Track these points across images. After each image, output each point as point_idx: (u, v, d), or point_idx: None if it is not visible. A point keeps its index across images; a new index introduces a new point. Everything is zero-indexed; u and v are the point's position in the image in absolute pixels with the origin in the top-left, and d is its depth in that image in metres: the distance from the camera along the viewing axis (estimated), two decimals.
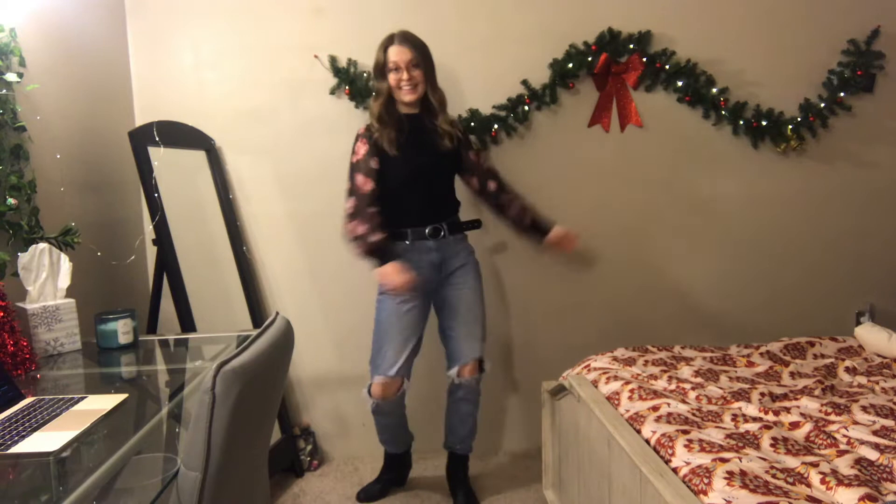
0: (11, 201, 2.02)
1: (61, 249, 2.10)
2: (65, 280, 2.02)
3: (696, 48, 2.84)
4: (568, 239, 2.57)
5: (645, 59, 2.82)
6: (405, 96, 2.38)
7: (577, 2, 2.83)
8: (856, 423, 1.70)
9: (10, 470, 1.23)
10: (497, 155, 2.89)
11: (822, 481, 1.39)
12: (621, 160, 2.92)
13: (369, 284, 2.53)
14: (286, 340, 1.45)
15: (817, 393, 1.97)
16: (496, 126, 2.82)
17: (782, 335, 2.47)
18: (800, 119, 2.88)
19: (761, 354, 2.31)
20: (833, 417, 1.76)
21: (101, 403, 1.50)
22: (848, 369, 2.17)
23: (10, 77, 2.05)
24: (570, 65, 2.80)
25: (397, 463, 2.68)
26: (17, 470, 1.23)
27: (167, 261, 2.50)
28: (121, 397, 1.54)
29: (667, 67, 2.82)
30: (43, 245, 2.00)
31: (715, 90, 2.85)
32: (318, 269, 2.93)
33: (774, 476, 1.40)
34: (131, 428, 1.46)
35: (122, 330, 2.01)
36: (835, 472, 1.41)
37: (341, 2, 2.81)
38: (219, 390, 1.15)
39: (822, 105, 2.88)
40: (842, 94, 2.87)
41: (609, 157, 2.92)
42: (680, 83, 2.84)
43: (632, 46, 2.82)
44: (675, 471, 1.49)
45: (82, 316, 2.02)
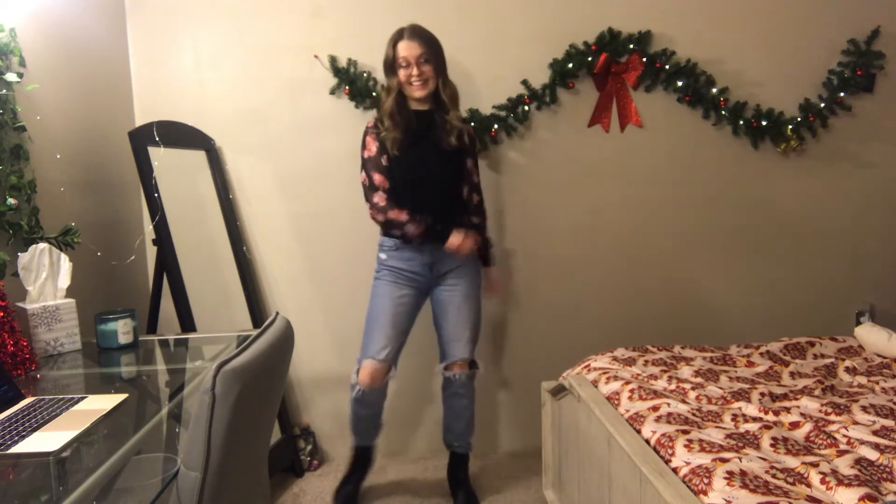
0: (11, 201, 2.02)
1: (61, 249, 2.10)
2: (65, 280, 2.02)
3: (696, 48, 2.84)
4: (492, 287, 2.68)
5: (645, 59, 2.82)
6: (415, 92, 2.37)
7: (577, 2, 2.83)
8: (856, 423, 1.70)
9: (10, 470, 1.23)
10: (497, 155, 2.89)
11: (822, 481, 1.39)
12: (621, 160, 2.92)
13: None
14: (286, 340, 1.45)
15: (817, 393, 1.97)
16: (496, 126, 2.82)
17: (782, 335, 2.47)
18: (800, 119, 2.88)
19: (761, 354, 2.31)
20: (833, 417, 1.76)
21: (101, 403, 1.50)
22: (848, 369, 2.17)
23: (10, 77, 2.05)
24: (570, 65, 2.80)
25: (364, 457, 2.63)
26: (17, 470, 1.23)
27: (167, 261, 2.50)
28: (121, 397, 1.54)
29: (667, 67, 2.82)
30: (43, 245, 2.00)
31: (715, 90, 2.85)
32: (318, 269, 2.93)
33: (774, 476, 1.40)
34: (131, 428, 1.46)
35: (122, 330, 2.01)
36: (835, 472, 1.41)
37: (341, 2, 2.81)
38: (219, 390, 1.15)
39: (822, 105, 2.88)
40: (842, 94, 2.87)
41: (609, 157, 2.92)
42: (680, 83, 2.84)
43: (632, 46, 2.82)
44: (675, 471, 1.49)
45: (82, 316, 2.02)
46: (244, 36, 2.82)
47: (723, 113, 2.87)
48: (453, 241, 2.37)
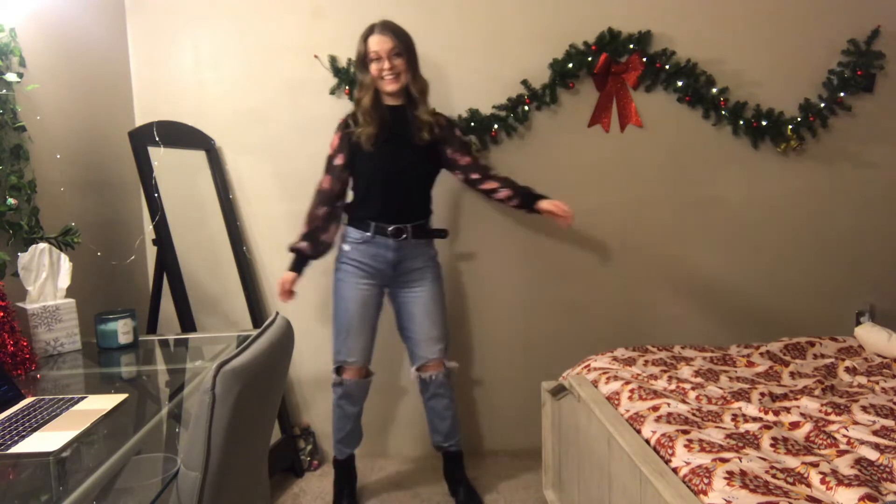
0: (11, 201, 2.02)
1: (61, 249, 2.11)
2: (65, 280, 2.02)
3: (696, 48, 2.84)
4: (558, 214, 2.46)
5: (645, 59, 2.82)
6: (387, 86, 2.36)
7: (577, 2, 2.83)
8: (856, 423, 1.70)
9: (10, 470, 1.23)
10: (497, 155, 2.89)
11: (822, 481, 1.39)
12: (621, 160, 2.92)
13: None
14: (286, 340, 1.45)
15: (817, 393, 1.96)
16: (496, 126, 2.82)
17: (782, 335, 2.48)
18: (800, 119, 2.88)
19: (761, 354, 2.31)
20: (833, 417, 1.76)
21: (101, 403, 1.50)
22: (848, 369, 2.17)
23: (10, 77, 2.05)
24: (570, 65, 2.80)
25: (347, 473, 2.63)
26: (17, 470, 1.23)
27: (167, 261, 2.50)
28: (121, 397, 1.55)
29: (667, 67, 2.82)
30: (43, 245, 2.00)
31: (715, 90, 2.84)
32: (318, 268, 2.92)
33: (774, 476, 1.40)
34: (131, 428, 1.46)
35: (122, 330, 2.01)
36: (835, 472, 1.41)
37: (341, 2, 2.81)
38: (219, 390, 1.15)
39: (822, 105, 2.88)
40: (842, 94, 2.87)
41: (609, 157, 2.92)
42: (680, 83, 2.84)
43: (632, 46, 2.82)
44: (675, 471, 1.49)
45: (82, 316, 2.02)
46: (244, 36, 2.82)
47: (723, 113, 2.87)
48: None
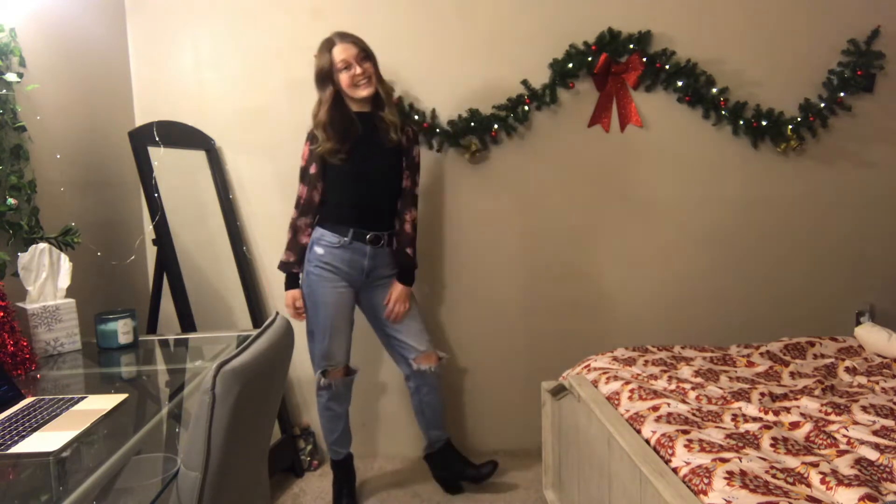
0: (11, 201, 2.02)
1: (61, 249, 2.11)
2: (65, 280, 2.02)
3: (696, 48, 2.84)
4: (392, 302, 2.49)
5: (645, 59, 2.82)
6: (362, 91, 2.35)
7: (577, 2, 2.83)
8: (856, 423, 1.70)
9: (10, 470, 1.23)
10: (497, 155, 2.89)
11: (822, 481, 1.39)
12: (621, 160, 2.92)
13: None
14: (286, 341, 1.45)
15: (817, 393, 1.96)
16: (496, 126, 2.82)
17: (782, 335, 2.48)
18: (800, 119, 2.88)
19: (761, 354, 2.31)
20: (833, 417, 1.76)
21: (101, 403, 1.50)
22: (848, 369, 2.17)
23: (10, 77, 2.05)
24: (570, 65, 2.80)
25: (346, 472, 2.63)
26: (17, 470, 1.23)
27: (167, 261, 2.50)
28: (121, 397, 1.55)
29: (667, 67, 2.82)
30: (43, 245, 2.00)
31: (715, 90, 2.84)
32: None
33: (774, 476, 1.40)
34: (131, 428, 1.46)
35: (122, 330, 2.01)
36: (835, 472, 1.41)
37: (341, 2, 2.81)
38: (219, 390, 1.15)
39: (822, 105, 2.88)
40: (842, 94, 2.87)
41: (609, 157, 2.92)
42: (680, 83, 2.84)
43: (632, 46, 2.82)
44: (675, 471, 1.49)
45: (82, 316, 2.02)
46: (244, 36, 2.82)
47: (723, 113, 2.87)
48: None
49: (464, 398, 3.02)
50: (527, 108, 2.83)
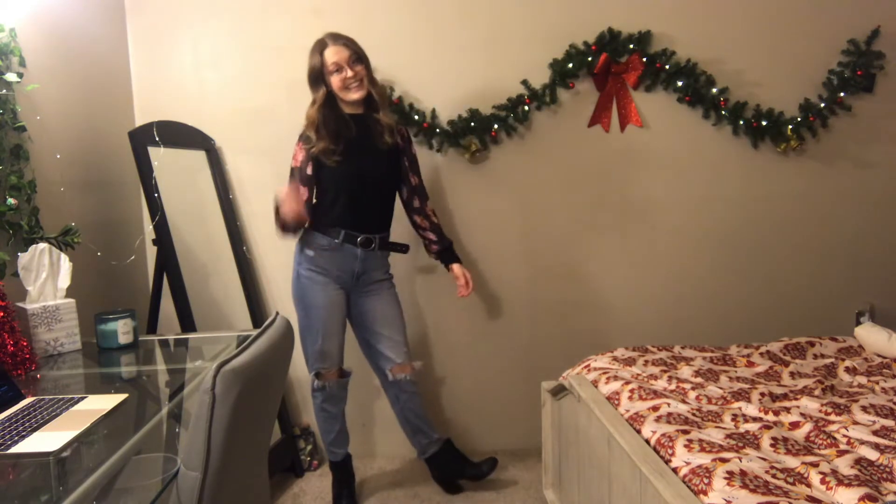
0: (11, 201, 2.02)
1: (61, 249, 2.10)
2: (65, 280, 2.02)
3: (696, 48, 2.84)
4: (461, 285, 2.59)
5: (645, 59, 2.82)
6: (353, 94, 2.34)
7: (577, 2, 2.83)
8: (856, 423, 1.70)
9: (10, 470, 1.23)
10: (497, 155, 2.89)
11: (822, 481, 1.39)
12: (621, 160, 2.92)
13: None
14: (286, 340, 1.45)
15: (817, 393, 1.96)
16: (496, 126, 2.82)
17: (782, 335, 2.47)
18: (800, 119, 2.88)
19: (761, 354, 2.31)
20: (833, 417, 1.76)
21: (101, 403, 1.50)
22: (848, 369, 2.17)
23: (10, 77, 2.05)
24: (570, 65, 2.80)
25: (345, 473, 2.63)
26: (17, 470, 1.23)
27: (167, 261, 2.50)
28: (121, 397, 1.54)
29: (667, 67, 2.82)
30: (43, 245, 2.00)
31: (715, 90, 2.84)
32: None
33: (774, 476, 1.40)
34: (131, 428, 1.46)
35: (122, 330, 2.01)
36: (835, 472, 1.41)
37: (341, 2, 2.81)
38: (219, 390, 1.15)
39: (822, 105, 2.88)
40: (842, 94, 2.87)
41: (609, 157, 2.92)
42: (680, 83, 2.84)
43: (632, 46, 2.82)
44: (675, 471, 1.49)
45: (82, 316, 2.02)
46: (244, 36, 2.82)
47: (723, 113, 2.87)
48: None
49: (464, 398, 3.02)
50: (527, 108, 2.83)
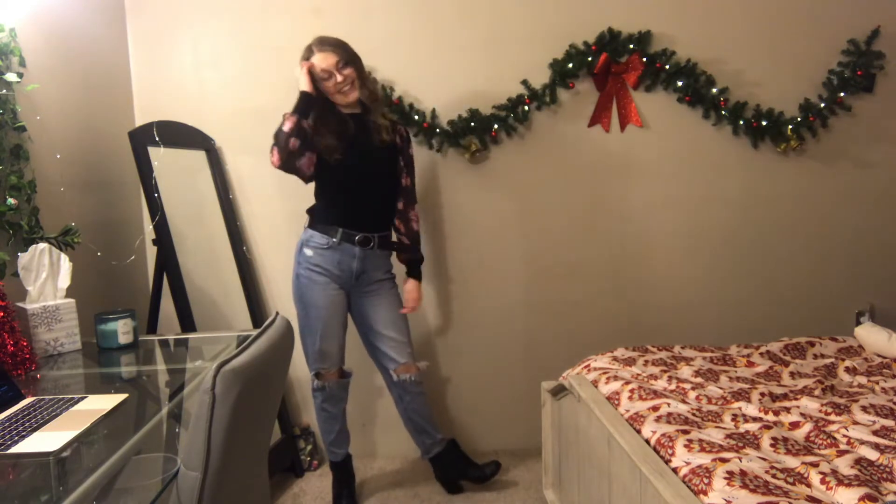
0: (11, 201, 2.02)
1: (61, 249, 2.10)
2: (65, 280, 2.02)
3: (696, 48, 2.84)
4: (407, 302, 2.57)
5: (645, 59, 2.82)
6: (347, 98, 2.35)
7: (577, 2, 2.83)
8: (856, 423, 1.70)
9: (10, 470, 1.23)
10: (497, 155, 2.89)
11: (822, 481, 1.39)
12: (621, 160, 2.92)
13: None
14: (286, 341, 1.45)
15: (817, 393, 1.96)
16: (496, 126, 2.82)
17: (782, 335, 2.47)
18: (800, 119, 2.88)
19: (761, 354, 2.31)
20: (833, 417, 1.76)
21: (101, 403, 1.50)
22: (848, 369, 2.17)
23: (10, 77, 2.05)
24: (570, 65, 2.80)
25: (345, 473, 2.63)
26: (17, 470, 1.23)
27: (167, 261, 2.50)
28: (121, 397, 1.54)
29: (667, 67, 2.82)
30: (43, 245, 2.00)
31: (715, 90, 2.84)
32: None
33: (774, 476, 1.40)
34: (131, 428, 1.46)
35: (122, 330, 2.01)
36: (835, 472, 1.41)
37: (341, 2, 2.81)
38: (219, 390, 1.15)
39: (822, 105, 2.88)
40: (842, 94, 2.87)
41: (609, 157, 2.92)
42: (680, 83, 2.84)
43: (632, 46, 2.82)
44: (675, 471, 1.49)
45: (82, 316, 2.02)
46: (244, 36, 2.82)
47: (723, 113, 2.87)
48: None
49: (464, 398, 3.02)
50: (527, 108, 2.83)
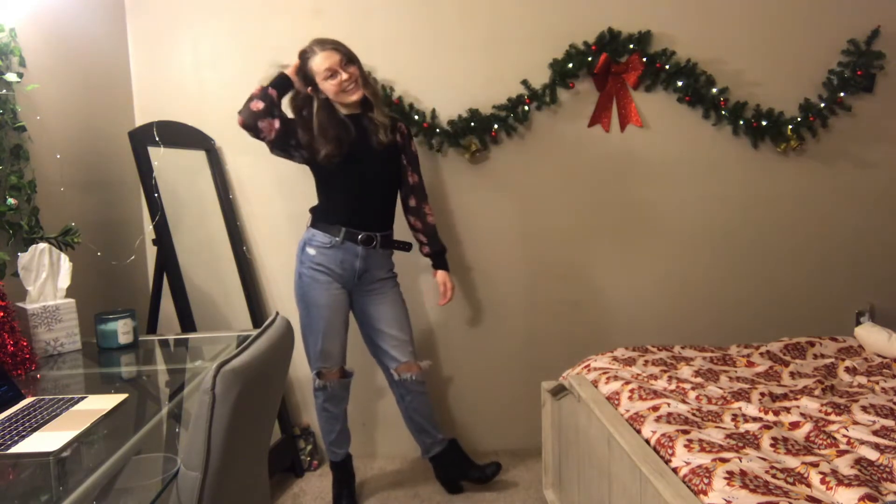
0: (11, 201, 2.02)
1: (61, 249, 2.10)
2: (65, 280, 2.02)
3: (696, 48, 2.84)
4: (443, 293, 2.59)
5: (645, 59, 2.82)
6: (351, 96, 2.33)
7: (577, 2, 2.83)
8: (856, 423, 1.70)
9: (10, 470, 1.23)
10: (497, 155, 2.89)
11: (822, 481, 1.39)
12: (621, 160, 2.92)
13: None
14: (286, 340, 1.45)
15: (817, 393, 1.96)
16: (496, 126, 2.82)
17: (782, 335, 2.47)
18: (800, 119, 2.88)
19: (761, 354, 2.31)
20: (833, 417, 1.76)
21: (101, 403, 1.50)
22: (848, 369, 2.17)
23: (10, 77, 2.05)
24: (570, 65, 2.80)
25: (345, 473, 2.63)
26: (17, 470, 1.23)
27: (167, 261, 2.50)
28: (121, 397, 1.54)
29: (667, 67, 2.82)
30: (43, 245, 2.00)
31: (715, 90, 2.84)
32: None
33: (774, 476, 1.40)
34: (131, 428, 1.46)
35: (122, 330, 2.01)
36: (835, 472, 1.41)
37: (341, 2, 2.81)
38: (219, 390, 1.15)
39: (822, 105, 2.88)
40: (842, 94, 2.87)
41: (609, 157, 2.92)
42: (680, 83, 2.84)
43: (632, 46, 2.82)
44: (675, 471, 1.49)
45: (82, 316, 2.02)
46: (244, 36, 2.82)
47: (723, 113, 2.87)
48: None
49: (464, 398, 3.02)
50: (527, 108, 2.83)
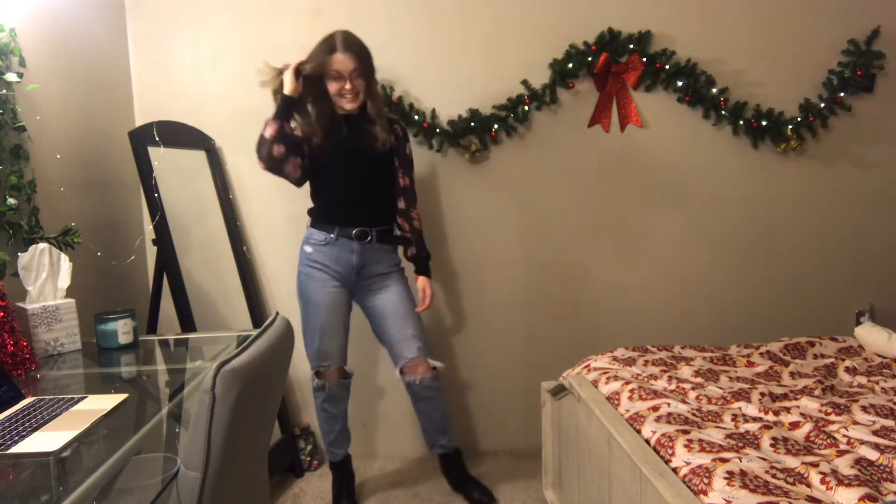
0: (11, 201, 2.02)
1: (61, 249, 2.10)
2: (65, 280, 2.02)
3: (696, 48, 2.84)
4: (422, 299, 2.55)
5: (645, 59, 2.82)
6: (346, 105, 2.33)
7: (577, 2, 2.83)
8: (856, 423, 1.70)
9: (10, 470, 1.23)
10: (497, 155, 2.89)
11: (822, 481, 1.39)
12: (621, 160, 2.92)
13: None
14: (286, 341, 1.45)
15: (817, 393, 1.97)
16: (496, 126, 2.82)
17: (782, 335, 2.48)
18: (800, 119, 2.88)
19: (761, 354, 2.31)
20: (833, 417, 1.76)
21: (101, 403, 1.50)
22: (848, 369, 2.17)
23: (10, 77, 2.05)
24: (570, 65, 2.80)
25: (345, 473, 2.63)
26: (17, 470, 1.23)
27: (167, 261, 2.50)
28: (121, 397, 1.54)
29: (667, 67, 2.82)
30: (43, 245, 2.00)
31: (715, 90, 2.85)
32: None
33: (774, 476, 1.40)
34: (131, 428, 1.46)
35: (122, 330, 2.01)
36: (835, 472, 1.41)
37: (341, 2, 2.81)
38: (219, 390, 1.15)
39: (822, 105, 2.88)
40: (842, 94, 2.87)
41: (609, 157, 2.92)
42: (680, 83, 2.84)
43: (632, 46, 2.82)
44: (675, 471, 1.49)
45: (82, 316, 2.02)
46: (244, 36, 2.82)
47: (723, 113, 2.87)
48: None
49: (464, 398, 3.02)
50: (527, 108, 2.83)
